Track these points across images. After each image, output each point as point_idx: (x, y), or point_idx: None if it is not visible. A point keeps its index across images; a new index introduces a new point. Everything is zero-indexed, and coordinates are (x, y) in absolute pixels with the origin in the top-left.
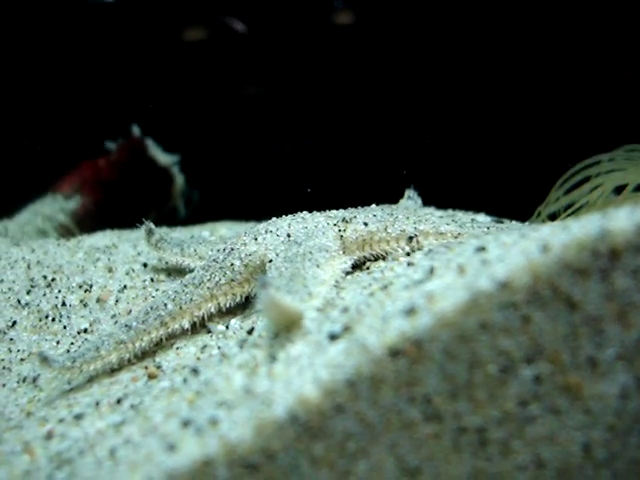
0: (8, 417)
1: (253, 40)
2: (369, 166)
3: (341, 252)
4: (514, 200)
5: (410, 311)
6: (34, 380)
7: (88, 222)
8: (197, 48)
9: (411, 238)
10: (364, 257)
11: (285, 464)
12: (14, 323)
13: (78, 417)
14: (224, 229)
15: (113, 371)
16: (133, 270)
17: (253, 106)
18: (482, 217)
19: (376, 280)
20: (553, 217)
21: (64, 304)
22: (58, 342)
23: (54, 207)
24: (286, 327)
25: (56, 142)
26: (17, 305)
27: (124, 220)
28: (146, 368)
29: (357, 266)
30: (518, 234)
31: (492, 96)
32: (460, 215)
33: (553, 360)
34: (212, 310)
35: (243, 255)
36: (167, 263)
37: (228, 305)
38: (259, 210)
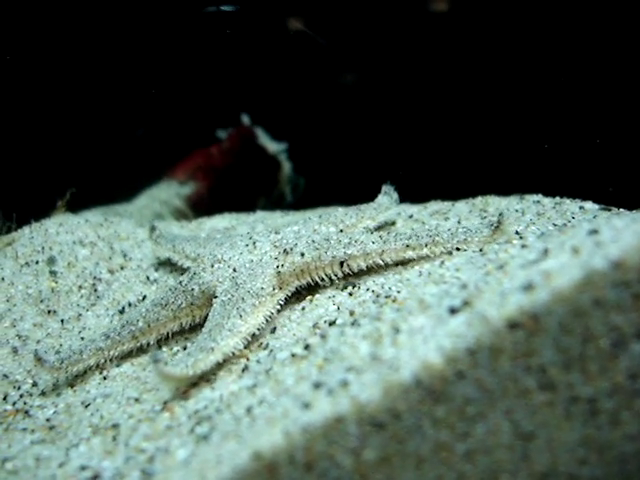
0: (144, 381)
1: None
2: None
3: (276, 290)
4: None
5: (528, 287)
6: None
7: (201, 206)
8: (301, 40)
9: (342, 263)
10: (301, 285)
11: (409, 424)
12: (144, 297)
13: (211, 381)
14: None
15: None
16: None
17: (354, 95)
18: (589, 205)
19: (491, 261)
20: None
21: None
22: None
23: (170, 192)
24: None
25: (170, 131)
26: (146, 281)
27: (235, 205)
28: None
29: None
30: (630, 218)
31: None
32: (568, 202)
33: None
34: (175, 329)
35: (201, 282)
36: (159, 257)
37: (189, 325)
38: (361, 197)
